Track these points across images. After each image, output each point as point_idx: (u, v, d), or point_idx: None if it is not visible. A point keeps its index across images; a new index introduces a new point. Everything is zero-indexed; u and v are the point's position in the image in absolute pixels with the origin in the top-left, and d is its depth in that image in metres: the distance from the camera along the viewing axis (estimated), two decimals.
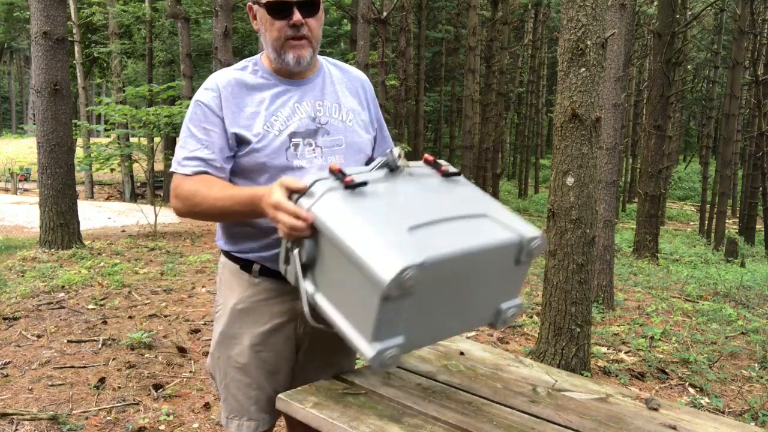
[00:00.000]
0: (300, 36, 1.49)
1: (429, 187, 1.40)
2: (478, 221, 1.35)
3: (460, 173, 1.45)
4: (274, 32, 1.49)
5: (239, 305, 1.58)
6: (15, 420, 2.85)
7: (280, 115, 1.53)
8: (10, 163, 24.48)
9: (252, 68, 1.57)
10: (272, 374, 1.60)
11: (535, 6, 29.34)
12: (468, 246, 1.26)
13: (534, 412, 1.46)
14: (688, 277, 8.33)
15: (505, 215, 1.39)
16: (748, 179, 19.07)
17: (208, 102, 1.51)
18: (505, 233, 1.33)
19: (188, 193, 1.49)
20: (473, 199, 1.42)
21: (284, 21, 1.47)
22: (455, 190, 1.43)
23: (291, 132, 1.52)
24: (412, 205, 1.33)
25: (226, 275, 1.63)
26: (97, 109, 9.85)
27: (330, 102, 1.60)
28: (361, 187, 1.30)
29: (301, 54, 1.50)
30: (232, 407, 1.61)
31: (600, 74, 3.57)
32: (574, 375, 1.76)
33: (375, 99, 1.75)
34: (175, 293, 5.26)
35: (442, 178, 1.44)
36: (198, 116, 1.52)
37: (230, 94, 1.52)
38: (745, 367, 4.24)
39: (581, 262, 3.63)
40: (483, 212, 1.37)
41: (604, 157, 5.62)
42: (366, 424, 1.32)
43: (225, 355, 1.60)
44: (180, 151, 1.53)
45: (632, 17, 10.31)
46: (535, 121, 34.20)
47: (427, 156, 1.49)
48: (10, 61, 54.89)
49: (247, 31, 21.05)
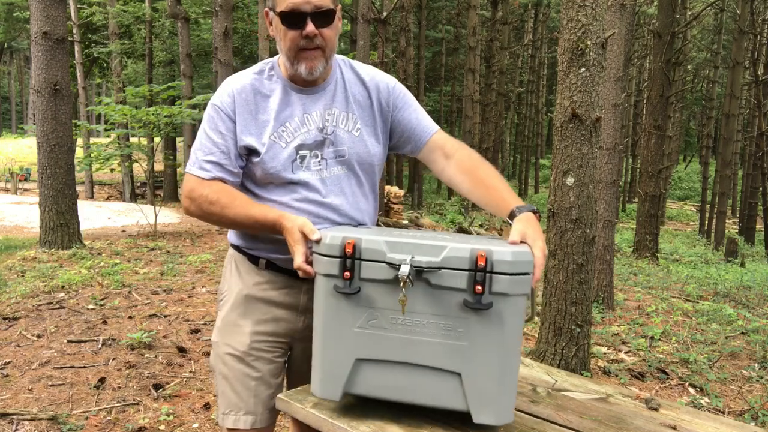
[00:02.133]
0: (313, 47, 1.48)
1: (430, 310, 1.27)
2: (442, 379, 1.27)
3: (490, 306, 1.23)
4: (288, 42, 1.48)
5: (244, 291, 1.60)
6: (15, 420, 2.85)
7: (288, 126, 1.53)
8: (10, 163, 24.48)
9: (268, 73, 1.57)
10: (271, 366, 1.59)
11: (535, 6, 29.35)
12: (400, 399, 1.31)
13: (534, 412, 1.46)
14: (688, 277, 8.34)
15: (486, 382, 1.25)
16: (748, 179, 19.07)
17: (223, 106, 1.53)
18: (457, 402, 1.27)
19: (206, 200, 1.51)
20: (472, 348, 1.26)
21: (298, 31, 1.46)
22: (466, 323, 1.25)
23: (298, 144, 1.53)
24: (388, 330, 1.29)
25: (233, 265, 1.66)
26: (97, 109, 9.86)
27: (339, 110, 1.58)
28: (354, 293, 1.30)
29: (313, 65, 1.49)
30: (229, 401, 1.58)
31: (600, 74, 3.57)
32: (574, 375, 1.76)
33: (399, 95, 1.65)
34: (175, 293, 5.26)
35: (465, 305, 1.24)
36: (214, 120, 1.54)
37: (244, 100, 1.53)
38: (745, 367, 4.24)
39: (581, 262, 3.63)
40: (459, 370, 1.26)
41: (604, 157, 5.62)
42: (366, 424, 1.32)
43: (224, 342, 1.59)
44: (196, 153, 1.54)
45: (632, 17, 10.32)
46: (535, 121, 34.21)
47: (481, 254, 1.23)
48: (10, 61, 54.91)
49: (247, 31, 21.04)
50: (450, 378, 1.27)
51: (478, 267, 1.22)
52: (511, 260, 1.22)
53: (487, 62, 21.53)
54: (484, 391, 1.25)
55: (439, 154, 1.64)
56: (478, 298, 1.23)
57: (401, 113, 1.65)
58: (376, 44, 14.66)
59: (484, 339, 1.25)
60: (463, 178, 1.59)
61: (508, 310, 1.24)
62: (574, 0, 3.52)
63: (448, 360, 1.27)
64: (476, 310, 1.23)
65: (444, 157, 1.63)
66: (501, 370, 1.25)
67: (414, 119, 1.66)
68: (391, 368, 1.30)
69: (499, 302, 1.23)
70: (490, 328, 1.24)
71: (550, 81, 34.03)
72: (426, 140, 1.65)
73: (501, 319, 1.23)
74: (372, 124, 1.62)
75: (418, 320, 1.28)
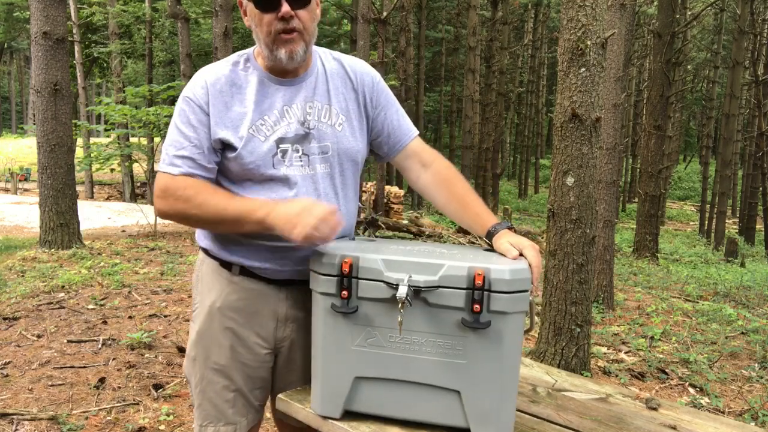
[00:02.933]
0: (290, 29, 1.39)
1: (428, 329, 1.27)
2: (441, 397, 1.28)
3: (488, 325, 1.22)
4: (264, 27, 1.40)
5: (217, 303, 1.51)
6: (15, 420, 2.85)
7: (267, 119, 1.44)
8: (10, 163, 24.49)
9: (243, 64, 1.49)
10: (250, 377, 1.53)
11: (535, 6, 29.35)
12: (400, 416, 1.31)
13: (534, 412, 1.46)
14: (688, 277, 8.34)
15: (486, 399, 1.25)
16: (748, 179, 19.07)
17: (195, 98, 1.44)
18: (457, 419, 1.28)
19: (180, 197, 1.40)
20: (471, 366, 1.26)
21: (273, 14, 1.38)
22: (465, 341, 1.25)
23: (278, 137, 1.44)
24: (386, 348, 1.29)
25: (204, 272, 1.56)
26: (97, 109, 9.86)
27: (321, 103, 1.49)
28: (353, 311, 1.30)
29: (293, 49, 1.41)
30: (206, 413, 1.52)
31: (600, 74, 3.57)
32: (574, 375, 1.76)
33: (382, 92, 1.59)
34: (175, 293, 5.26)
35: (463, 324, 1.24)
36: (185, 113, 1.44)
37: (218, 91, 1.44)
38: (745, 367, 4.24)
39: (581, 262, 3.63)
40: (458, 388, 1.26)
41: (604, 157, 5.62)
42: (366, 424, 1.32)
43: (202, 356, 1.52)
44: (167, 149, 1.45)
45: (632, 17, 10.31)
46: (535, 121, 34.21)
47: (478, 273, 1.22)
48: (10, 61, 54.91)
49: (247, 31, 21.02)
50: (449, 396, 1.27)
51: (476, 286, 1.21)
52: (509, 278, 1.21)
53: (487, 62, 21.52)
54: (484, 408, 1.25)
55: (415, 161, 1.59)
56: (476, 317, 1.22)
57: (384, 112, 1.58)
58: (376, 44, 14.65)
59: (482, 357, 1.24)
60: (439, 190, 1.56)
61: (506, 328, 1.23)
62: (574, 0, 3.52)
63: (446, 378, 1.26)
64: (474, 329, 1.23)
65: (420, 165, 1.59)
66: (500, 387, 1.25)
67: (395, 120, 1.59)
68: (390, 386, 1.30)
69: (498, 321, 1.22)
70: (489, 346, 1.24)
71: (550, 81, 34.03)
72: (404, 145, 1.60)
73: (500, 337, 1.23)
74: (356, 119, 1.54)
75: (416, 339, 1.27)
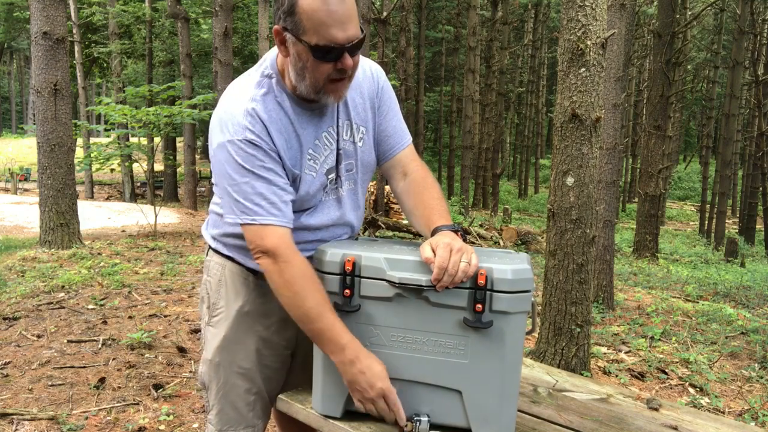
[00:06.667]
0: (345, 77, 1.35)
1: (430, 328, 1.28)
2: (443, 397, 1.28)
3: (490, 324, 1.22)
4: (318, 74, 1.32)
5: (245, 307, 1.53)
6: (15, 420, 2.85)
7: (312, 153, 1.43)
8: (10, 163, 24.49)
9: (276, 90, 1.40)
10: (269, 378, 1.57)
11: (535, 6, 29.34)
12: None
13: (535, 413, 1.46)
14: (688, 277, 8.34)
15: (487, 399, 1.26)
16: (748, 179, 19.08)
17: (257, 138, 1.33)
18: (459, 419, 1.28)
19: (289, 275, 1.31)
20: (473, 365, 1.26)
21: (331, 64, 1.31)
22: (466, 341, 1.26)
23: (326, 170, 1.46)
24: (388, 347, 1.30)
25: (227, 277, 1.55)
26: (97, 109, 9.85)
27: (342, 120, 1.48)
28: None
29: (341, 95, 1.38)
30: (227, 417, 1.54)
31: (600, 74, 3.57)
32: (575, 375, 1.76)
33: (386, 96, 1.56)
34: (175, 293, 5.26)
35: (466, 323, 1.24)
36: (251, 157, 1.32)
37: (275, 127, 1.36)
38: (745, 367, 4.24)
39: (581, 262, 3.63)
40: (460, 388, 1.27)
41: (604, 157, 5.62)
42: (366, 424, 1.31)
43: (227, 361, 1.53)
44: (241, 204, 1.33)
45: (632, 17, 10.31)
46: (535, 121, 34.20)
47: (481, 274, 1.23)
48: (10, 61, 54.89)
49: (247, 31, 21.05)
50: (451, 395, 1.27)
51: (478, 285, 1.21)
52: (511, 278, 1.21)
53: (487, 62, 21.53)
54: (486, 408, 1.25)
55: (398, 170, 1.59)
56: (479, 317, 1.22)
57: (384, 119, 1.56)
58: (376, 44, 14.66)
59: (484, 357, 1.24)
60: (407, 198, 1.56)
61: (508, 328, 1.23)
62: (574, 0, 3.52)
63: (448, 377, 1.26)
64: (476, 328, 1.23)
65: (402, 174, 1.59)
66: (502, 387, 1.25)
67: (392, 127, 1.57)
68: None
69: (500, 320, 1.22)
70: (491, 345, 1.24)
71: (550, 81, 34.03)
72: (395, 154, 1.59)
73: (501, 336, 1.23)
74: (372, 127, 1.54)
75: (417, 338, 1.27)
